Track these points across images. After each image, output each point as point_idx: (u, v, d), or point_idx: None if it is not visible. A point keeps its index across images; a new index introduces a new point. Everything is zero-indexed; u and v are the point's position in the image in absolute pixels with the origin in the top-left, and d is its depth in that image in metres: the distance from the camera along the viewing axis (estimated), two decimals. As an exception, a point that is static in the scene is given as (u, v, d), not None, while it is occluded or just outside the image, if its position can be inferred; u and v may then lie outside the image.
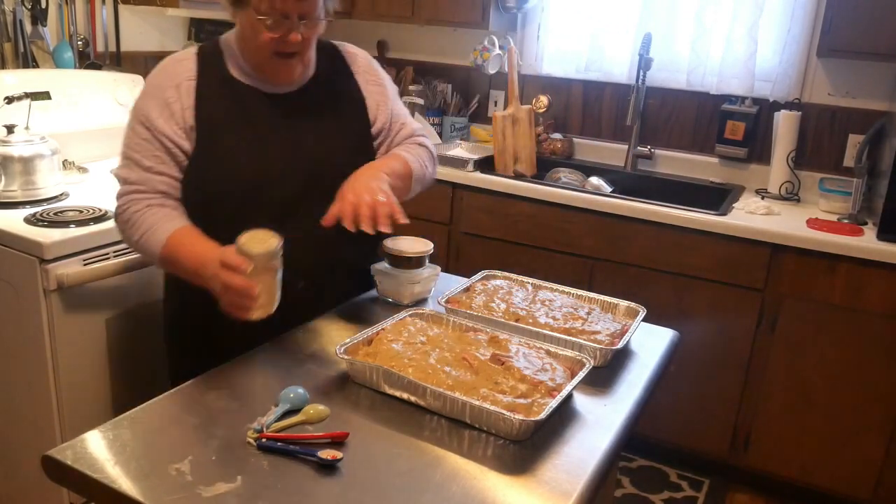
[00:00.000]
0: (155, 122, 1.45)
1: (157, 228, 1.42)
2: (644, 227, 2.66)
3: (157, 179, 1.47)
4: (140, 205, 1.45)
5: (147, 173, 1.46)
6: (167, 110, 1.46)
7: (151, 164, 1.46)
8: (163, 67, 1.51)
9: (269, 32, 1.41)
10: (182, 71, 1.49)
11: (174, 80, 1.48)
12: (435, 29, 3.55)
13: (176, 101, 1.46)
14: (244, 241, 1.24)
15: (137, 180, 1.46)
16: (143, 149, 1.46)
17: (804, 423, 2.55)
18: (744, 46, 2.92)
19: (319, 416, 1.17)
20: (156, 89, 1.48)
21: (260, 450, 1.07)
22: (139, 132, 1.47)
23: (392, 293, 1.64)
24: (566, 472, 1.09)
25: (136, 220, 1.44)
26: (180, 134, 1.46)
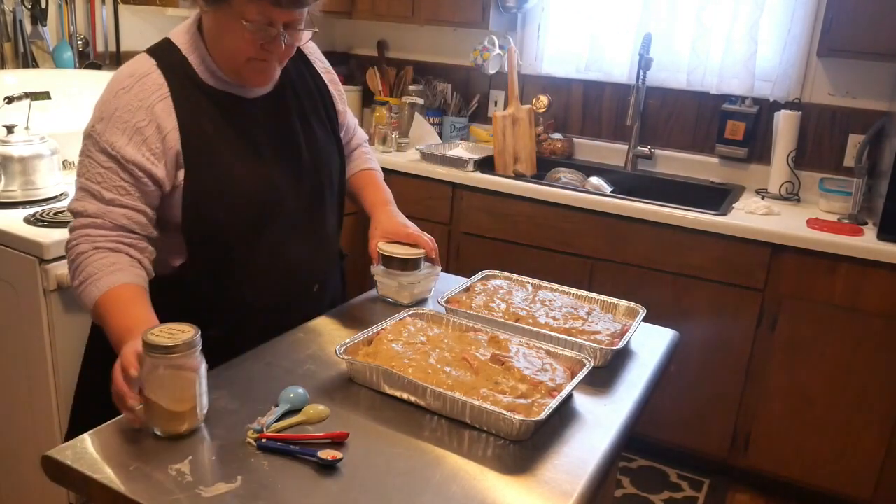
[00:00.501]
0: (122, 150, 1.29)
1: (95, 280, 1.27)
2: (644, 227, 2.66)
3: (119, 212, 1.31)
4: (87, 245, 1.30)
5: (107, 206, 1.30)
6: (138, 136, 1.30)
7: (114, 196, 1.30)
8: (124, 88, 1.31)
9: (251, 38, 1.30)
10: (150, 89, 1.32)
11: (144, 101, 1.31)
12: (435, 29, 3.55)
13: (149, 125, 1.30)
14: (153, 335, 1.08)
15: (95, 212, 1.30)
16: (105, 179, 1.30)
17: (804, 423, 2.55)
18: (744, 46, 2.92)
19: (319, 417, 1.16)
20: (121, 113, 1.30)
21: (260, 450, 1.07)
22: (99, 160, 1.30)
23: (392, 294, 1.64)
24: (566, 472, 1.09)
25: (79, 262, 1.29)
26: (152, 161, 1.31)
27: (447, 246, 3.07)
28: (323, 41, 3.81)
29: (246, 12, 1.27)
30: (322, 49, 1.65)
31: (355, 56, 3.86)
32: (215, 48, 1.36)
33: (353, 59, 3.85)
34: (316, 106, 1.55)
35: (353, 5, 3.42)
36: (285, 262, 1.48)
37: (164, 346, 1.06)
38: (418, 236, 1.60)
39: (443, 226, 3.06)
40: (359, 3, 3.40)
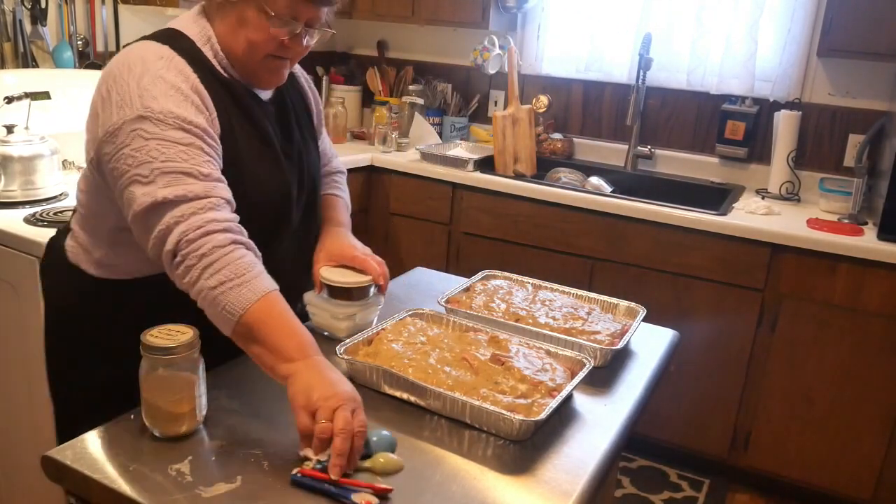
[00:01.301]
0: (198, 123, 1.17)
1: (243, 282, 1.09)
2: (644, 227, 2.66)
3: (223, 187, 1.17)
4: (221, 237, 1.11)
5: (210, 182, 1.15)
6: (201, 114, 1.19)
7: (209, 171, 1.15)
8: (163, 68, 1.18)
9: (275, 32, 1.24)
10: (185, 69, 1.21)
11: (188, 81, 1.20)
12: (435, 29, 3.55)
13: (202, 105, 1.20)
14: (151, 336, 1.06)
15: (203, 192, 1.13)
16: (192, 156, 1.14)
17: (804, 423, 2.55)
18: (744, 46, 2.92)
19: (386, 469, 1.04)
20: (174, 92, 1.17)
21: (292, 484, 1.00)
22: (176, 138, 1.14)
23: (326, 325, 1.44)
24: (566, 472, 1.09)
25: (215, 259, 1.09)
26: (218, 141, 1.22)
27: (447, 246, 3.07)
28: (323, 41, 3.81)
29: (273, 4, 1.21)
30: (322, 49, 1.66)
31: (355, 56, 3.86)
32: (230, 43, 1.26)
33: (353, 59, 3.85)
34: (306, 120, 1.51)
35: (353, 5, 3.42)
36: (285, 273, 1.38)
37: (162, 347, 1.05)
38: (365, 260, 1.40)
39: (443, 226, 3.06)
40: (359, 3, 3.40)
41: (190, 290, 1.12)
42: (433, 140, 3.40)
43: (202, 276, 1.09)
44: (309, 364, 1.07)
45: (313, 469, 1.01)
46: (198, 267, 1.09)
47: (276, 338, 1.08)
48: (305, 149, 1.45)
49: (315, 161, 1.50)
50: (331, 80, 3.62)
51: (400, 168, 3.11)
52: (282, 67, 1.31)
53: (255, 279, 1.10)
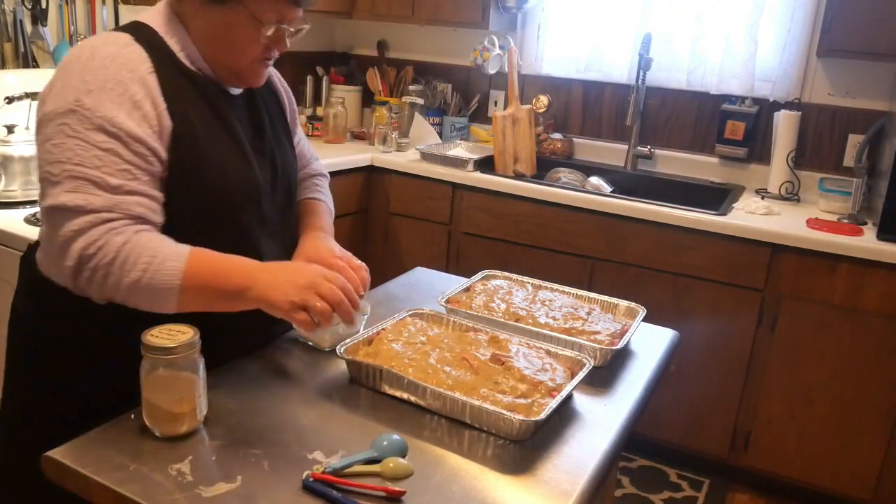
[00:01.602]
0: (123, 125, 1.11)
1: (163, 257, 1.11)
2: (644, 227, 2.66)
3: (132, 201, 1.12)
4: (125, 234, 1.10)
5: (117, 195, 1.10)
6: (137, 111, 1.13)
7: (120, 182, 1.11)
8: (109, 56, 1.14)
9: (264, 37, 1.23)
10: (138, 59, 1.16)
11: (135, 72, 1.15)
12: (435, 29, 3.55)
13: (145, 99, 1.14)
14: (152, 336, 1.07)
15: (104, 206, 1.09)
16: (106, 162, 1.10)
17: (804, 423, 2.55)
18: (744, 46, 2.92)
19: (396, 474, 1.04)
20: (113, 85, 1.13)
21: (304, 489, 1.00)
22: (94, 139, 1.10)
23: (310, 336, 1.41)
24: (566, 472, 1.09)
25: (127, 253, 1.09)
26: (154, 138, 1.15)
27: (447, 246, 3.07)
28: (323, 41, 3.81)
29: (261, 12, 1.20)
30: (322, 49, 1.65)
31: (355, 56, 3.86)
32: (211, 46, 1.24)
33: (353, 59, 3.85)
34: (280, 118, 1.47)
35: (353, 5, 3.42)
36: None
37: (162, 347, 1.05)
38: (343, 267, 1.30)
39: (443, 226, 3.06)
40: (359, 3, 3.40)
41: (115, 294, 1.12)
42: (433, 140, 3.40)
43: (124, 276, 1.09)
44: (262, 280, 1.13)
45: (324, 473, 1.02)
46: (114, 273, 1.09)
47: (221, 283, 1.13)
48: (279, 146, 1.41)
49: (290, 159, 1.46)
50: (331, 80, 3.62)
51: (400, 168, 3.11)
52: (265, 68, 1.31)
53: (171, 248, 1.12)
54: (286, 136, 1.47)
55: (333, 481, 1.01)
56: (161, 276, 1.10)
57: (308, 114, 3.44)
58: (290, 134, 1.50)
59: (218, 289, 1.13)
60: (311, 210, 1.53)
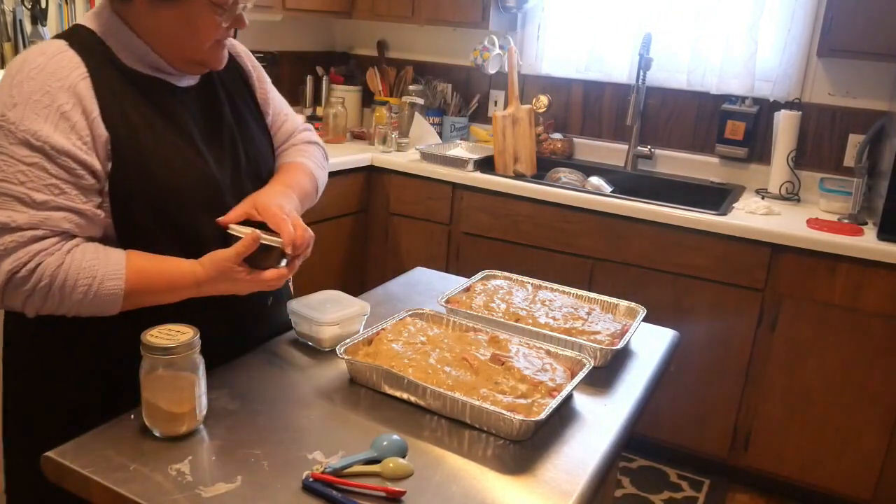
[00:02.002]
0: (48, 138, 1.08)
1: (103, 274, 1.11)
2: (644, 227, 2.66)
3: (59, 217, 1.09)
4: (57, 255, 1.09)
5: (42, 211, 1.08)
6: (64, 122, 1.10)
7: (46, 198, 1.08)
8: (37, 67, 1.11)
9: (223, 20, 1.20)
10: (68, 66, 1.13)
11: (63, 80, 1.11)
12: (435, 29, 3.55)
13: (74, 109, 1.11)
14: (151, 336, 1.07)
15: (29, 223, 1.07)
16: (31, 178, 1.07)
17: (804, 423, 2.55)
18: (744, 46, 2.92)
19: (395, 474, 1.04)
20: (40, 96, 1.09)
21: (304, 490, 1.00)
22: (19, 155, 1.07)
23: (309, 335, 1.41)
24: (566, 472, 1.09)
25: (64, 276, 1.08)
26: (85, 150, 1.11)
27: (447, 246, 3.07)
28: (323, 41, 3.81)
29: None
30: (322, 49, 1.64)
31: (355, 56, 3.86)
32: (173, 44, 1.20)
33: (353, 59, 3.85)
34: (245, 99, 1.40)
35: (353, 5, 3.42)
36: None
37: (162, 347, 1.05)
38: (283, 220, 1.21)
39: (443, 226, 3.06)
40: (359, 3, 3.40)
41: (55, 311, 1.12)
42: (433, 140, 3.39)
43: (64, 300, 1.10)
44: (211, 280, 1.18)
45: (323, 473, 1.02)
46: (53, 296, 1.09)
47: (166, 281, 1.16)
48: (243, 132, 1.35)
49: (260, 141, 1.39)
50: (331, 80, 3.62)
51: (400, 168, 3.11)
52: (224, 48, 1.27)
53: (108, 266, 1.12)
54: (254, 117, 1.41)
55: (333, 481, 1.01)
56: (102, 295, 1.11)
57: (308, 114, 3.44)
58: (260, 114, 1.43)
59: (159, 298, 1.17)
60: (283, 169, 1.44)
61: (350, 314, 1.41)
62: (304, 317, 1.39)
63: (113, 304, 1.13)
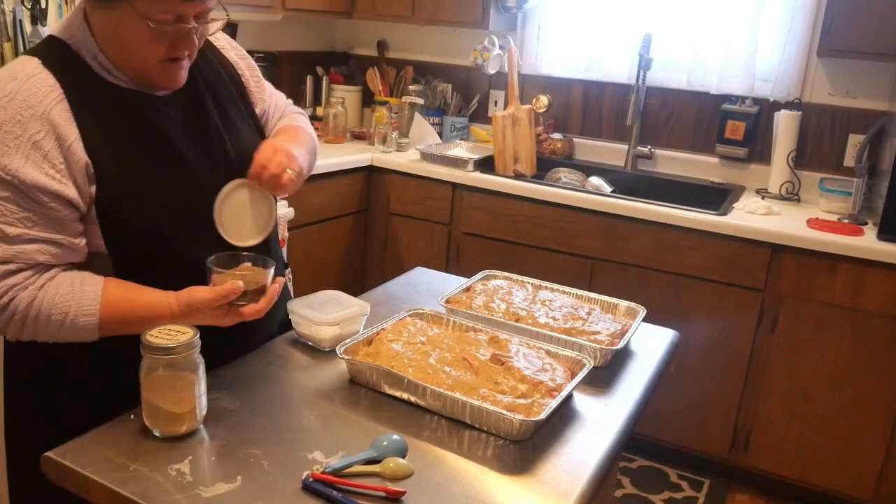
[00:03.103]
0: (18, 173, 1.06)
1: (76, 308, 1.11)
2: (644, 227, 2.66)
3: (32, 249, 1.09)
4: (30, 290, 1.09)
5: (15, 245, 1.08)
6: (36, 152, 1.07)
7: (19, 231, 1.08)
8: (7, 95, 1.08)
9: (161, 38, 1.12)
10: (41, 91, 1.09)
11: (35, 107, 1.08)
12: (435, 29, 3.55)
13: (47, 137, 1.08)
14: (152, 336, 1.07)
15: (1, 258, 1.08)
16: (2, 212, 1.07)
17: (804, 423, 2.55)
18: (744, 46, 2.92)
19: (395, 474, 1.04)
20: (10, 126, 1.07)
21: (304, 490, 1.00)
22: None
23: (309, 336, 1.41)
24: (566, 472, 1.09)
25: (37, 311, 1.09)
26: (59, 180, 1.09)
27: (447, 246, 3.07)
28: (323, 41, 3.81)
29: (150, 12, 1.09)
30: (322, 49, 1.64)
31: (355, 56, 3.86)
32: (114, 51, 1.15)
33: (353, 59, 3.85)
34: (232, 97, 1.36)
35: (353, 5, 3.42)
36: None
37: (162, 347, 1.05)
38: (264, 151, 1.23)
39: (443, 226, 3.06)
40: (359, 3, 3.40)
41: (35, 339, 1.14)
42: (433, 140, 3.39)
43: (39, 332, 1.12)
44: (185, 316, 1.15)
45: (323, 473, 1.02)
46: (28, 326, 1.11)
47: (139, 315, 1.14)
48: (232, 133, 1.32)
49: (250, 140, 1.34)
50: (331, 80, 3.62)
51: (400, 168, 3.11)
52: (179, 69, 1.19)
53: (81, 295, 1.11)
54: (243, 115, 1.37)
55: (333, 481, 1.01)
56: (76, 328, 1.12)
57: (308, 114, 3.44)
58: (249, 110, 1.39)
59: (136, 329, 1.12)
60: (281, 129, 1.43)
61: (350, 314, 1.41)
62: (304, 317, 1.39)
63: (89, 334, 1.14)
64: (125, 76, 1.18)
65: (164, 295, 1.15)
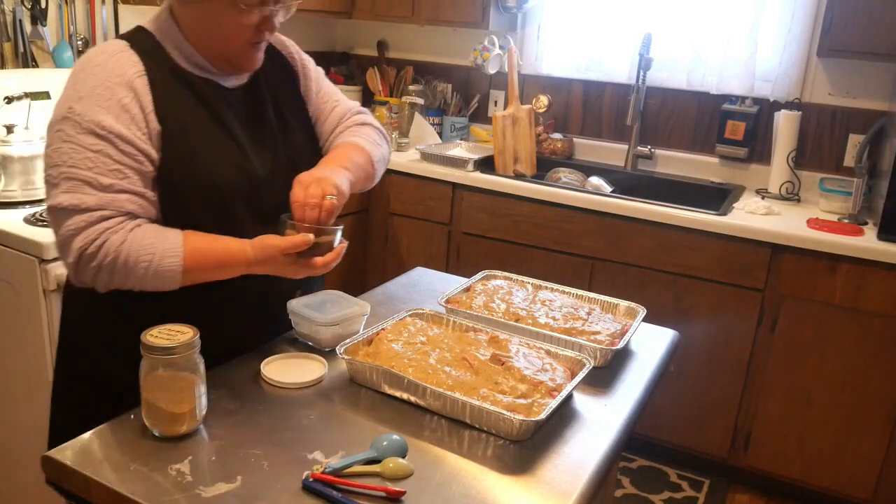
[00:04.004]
0: (112, 127, 1.18)
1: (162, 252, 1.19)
2: (644, 227, 2.65)
3: (124, 199, 1.19)
4: (121, 233, 1.17)
5: (109, 193, 1.18)
6: (125, 114, 1.20)
7: (112, 181, 1.18)
8: (99, 64, 1.22)
9: (249, 21, 1.26)
10: (127, 64, 1.23)
11: (122, 76, 1.21)
12: (435, 29, 3.55)
13: (133, 103, 1.21)
14: (151, 336, 1.07)
15: (97, 204, 1.16)
16: (97, 163, 1.17)
17: (804, 423, 2.55)
18: (744, 46, 2.92)
19: (395, 474, 1.04)
20: (102, 90, 1.20)
21: (304, 490, 1.00)
22: (86, 143, 1.17)
23: (309, 335, 1.41)
24: (566, 472, 1.09)
25: (126, 252, 1.17)
26: (144, 139, 1.21)
27: (447, 246, 3.07)
28: (323, 41, 3.81)
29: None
30: (322, 49, 1.64)
31: (355, 56, 3.86)
32: (201, 39, 1.29)
33: (353, 59, 3.85)
34: (290, 97, 1.48)
35: (353, 5, 3.42)
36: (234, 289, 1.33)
37: (162, 347, 1.06)
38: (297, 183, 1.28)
39: (443, 226, 3.06)
40: (359, 3, 3.40)
41: (119, 287, 1.21)
42: (433, 140, 3.39)
43: (128, 274, 1.19)
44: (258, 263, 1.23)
45: (323, 473, 1.02)
46: (117, 272, 1.18)
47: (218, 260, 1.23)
48: (284, 132, 1.42)
49: (300, 142, 1.46)
50: (331, 79, 3.61)
51: (400, 168, 3.11)
52: (258, 50, 1.33)
53: (167, 243, 1.20)
54: (298, 118, 1.48)
55: (333, 481, 1.01)
56: (162, 271, 1.19)
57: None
58: (305, 115, 1.51)
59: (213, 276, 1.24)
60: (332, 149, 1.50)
61: (350, 314, 1.41)
62: (304, 317, 1.39)
63: (172, 280, 1.21)
64: (213, 65, 1.31)
65: (239, 242, 1.24)
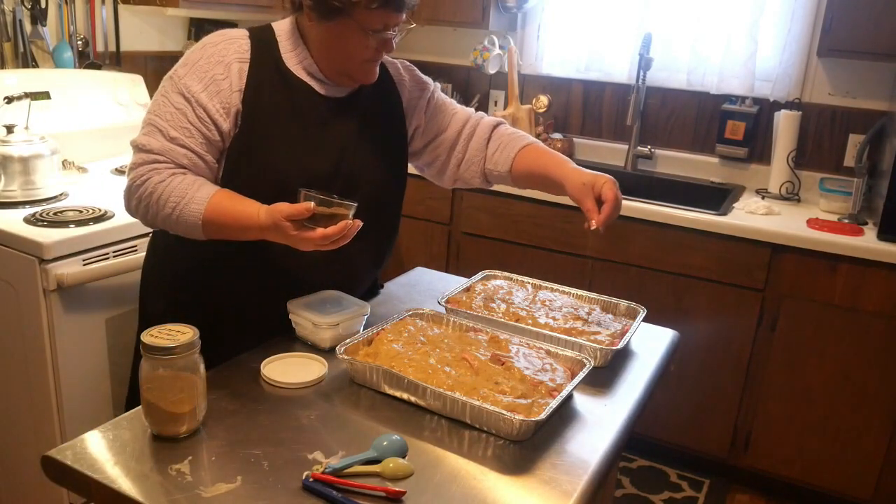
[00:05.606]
0: (196, 94, 1.36)
1: (189, 199, 1.32)
2: (644, 227, 2.66)
3: (181, 152, 1.35)
4: (160, 175, 1.34)
5: (171, 143, 1.35)
6: (213, 86, 1.37)
7: (177, 135, 1.35)
8: (212, 43, 1.41)
9: (372, 43, 1.39)
10: (234, 50, 1.40)
11: (224, 57, 1.39)
12: (435, 29, 3.55)
13: (224, 79, 1.38)
14: (152, 336, 1.08)
15: (159, 150, 1.35)
16: (174, 118, 1.36)
17: (804, 423, 2.55)
18: (744, 46, 2.92)
19: (395, 474, 1.04)
20: (203, 63, 1.38)
21: (304, 489, 1.00)
22: (173, 100, 1.36)
23: (309, 336, 1.42)
24: (566, 472, 1.09)
25: (161, 191, 1.33)
26: (221, 112, 1.37)
27: (447, 246, 3.07)
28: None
29: (369, 23, 1.35)
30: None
31: (355, 56, 3.85)
32: (324, 53, 1.42)
33: (353, 59, 3.85)
34: (382, 112, 1.57)
35: (353, 5, 3.41)
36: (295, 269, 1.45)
37: (163, 347, 1.06)
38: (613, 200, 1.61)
39: (443, 226, 3.06)
40: (359, 3, 3.40)
41: (153, 223, 1.39)
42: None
43: (159, 211, 1.34)
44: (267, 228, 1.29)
45: (323, 473, 1.02)
46: (151, 206, 1.35)
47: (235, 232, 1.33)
48: (362, 146, 1.50)
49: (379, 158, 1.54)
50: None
51: (400, 168, 3.10)
52: (375, 65, 1.46)
53: (198, 193, 1.33)
54: (383, 138, 1.56)
55: (333, 481, 1.01)
56: (185, 216, 1.33)
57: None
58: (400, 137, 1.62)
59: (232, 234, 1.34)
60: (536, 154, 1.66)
61: (350, 314, 1.41)
62: (304, 317, 1.39)
63: (195, 228, 1.34)
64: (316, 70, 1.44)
65: (256, 205, 1.32)
